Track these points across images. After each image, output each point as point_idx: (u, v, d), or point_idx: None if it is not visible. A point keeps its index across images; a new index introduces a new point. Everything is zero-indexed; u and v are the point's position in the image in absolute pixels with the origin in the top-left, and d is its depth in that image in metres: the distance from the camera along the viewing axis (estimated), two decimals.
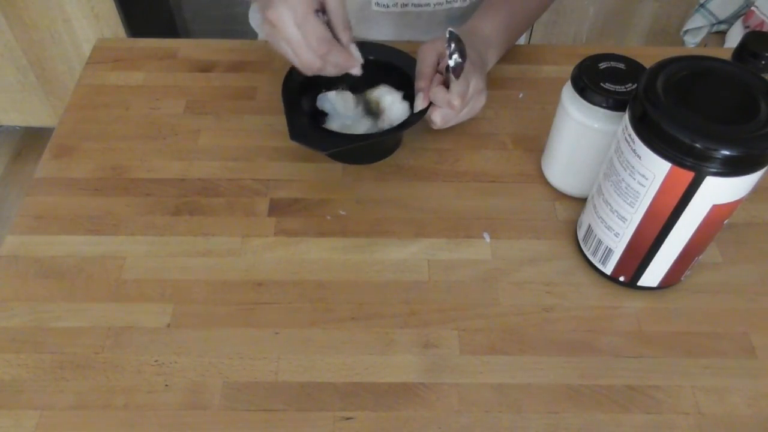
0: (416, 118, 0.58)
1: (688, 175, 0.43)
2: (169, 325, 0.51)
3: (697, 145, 0.41)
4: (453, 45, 0.54)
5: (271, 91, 0.70)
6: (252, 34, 0.89)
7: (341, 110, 0.63)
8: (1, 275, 0.54)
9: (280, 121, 0.66)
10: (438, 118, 0.58)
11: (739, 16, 1.32)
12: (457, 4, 0.76)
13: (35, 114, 1.75)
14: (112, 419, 0.46)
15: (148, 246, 0.56)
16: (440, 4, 0.76)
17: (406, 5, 0.75)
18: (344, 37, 0.55)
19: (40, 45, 1.56)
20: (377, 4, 0.75)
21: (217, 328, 0.51)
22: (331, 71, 0.56)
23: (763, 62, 0.52)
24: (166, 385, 0.48)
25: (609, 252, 0.52)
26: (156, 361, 0.49)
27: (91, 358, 0.49)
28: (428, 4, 0.75)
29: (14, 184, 1.73)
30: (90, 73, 0.72)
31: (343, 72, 0.57)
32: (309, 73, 0.56)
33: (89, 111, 0.68)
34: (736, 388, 0.48)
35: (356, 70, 0.57)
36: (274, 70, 0.73)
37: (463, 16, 0.77)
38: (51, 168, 0.62)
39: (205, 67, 0.73)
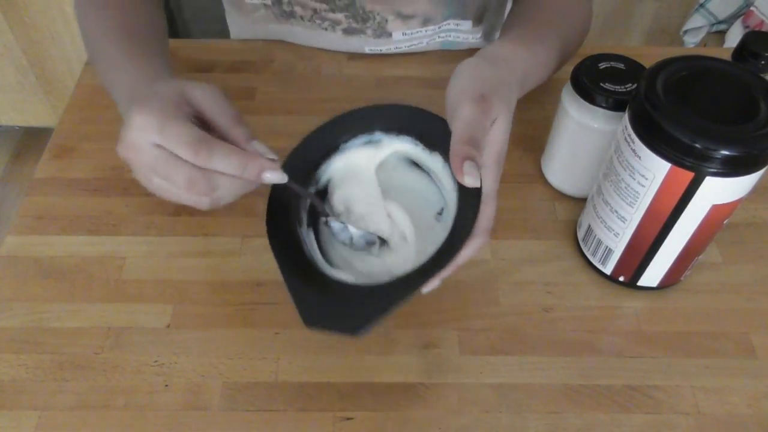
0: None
1: (687, 175, 0.43)
2: (169, 326, 0.51)
3: (697, 145, 0.41)
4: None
5: (271, 91, 0.70)
6: None
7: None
8: (1, 275, 0.54)
9: (279, 122, 0.66)
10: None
11: (739, 16, 1.32)
12: (451, 38, 0.74)
13: (35, 114, 1.75)
14: (112, 419, 0.46)
15: (148, 246, 0.56)
16: (432, 37, 0.74)
17: (400, 48, 0.74)
18: (238, 132, 0.41)
19: (40, 45, 1.56)
20: (371, 50, 0.74)
21: (217, 328, 0.51)
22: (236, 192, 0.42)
23: (762, 62, 0.52)
24: (166, 386, 0.48)
25: (609, 252, 0.52)
26: (156, 361, 0.49)
27: (91, 358, 0.49)
28: (420, 43, 0.74)
29: (14, 184, 1.73)
30: (90, 74, 0.72)
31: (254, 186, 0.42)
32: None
33: (89, 111, 0.68)
34: (736, 388, 0.48)
35: (276, 176, 0.41)
36: (274, 71, 0.73)
37: (457, 44, 0.76)
38: (51, 168, 0.62)
39: (205, 68, 0.73)
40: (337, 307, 0.41)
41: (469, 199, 0.42)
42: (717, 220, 0.46)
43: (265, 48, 0.75)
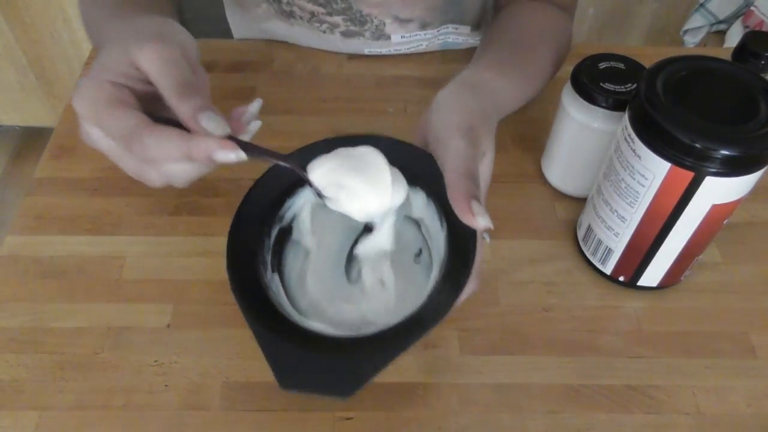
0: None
1: (687, 175, 0.43)
2: (169, 325, 0.51)
3: (697, 145, 0.41)
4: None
5: (271, 91, 0.70)
6: None
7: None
8: (1, 275, 0.54)
9: (279, 122, 0.66)
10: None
11: (739, 16, 1.32)
12: (450, 39, 0.74)
13: (35, 114, 1.75)
14: (112, 419, 0.46)
15: (148, 246, 0.56)
16: (431, 40, 0.73)
17: (399, 49, 0.73)
18: (182, 107, 0.36)
19: (40, 45, 1.56)
20: (370, 52, 0.73)
21: (217, 328, 0.51)
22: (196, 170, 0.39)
23: (762, 62, 0.52)
24: (166, 386, 0.48)
25: (609, 252, 0.52)
26: (156, 361, 0.49)
27: (91, 358, 0.49)
28: (420, 45, 0.73)
29: (14, 184, 1.73)
30: None
31: (212, 166, 0.39)
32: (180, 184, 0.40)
33: None
34: (736, 388, 0.48)
35: (230, 155, 0.36)
36: (274, 71, 0.73)
37: (457, 44, 0.76)
38: (51, 168, 0.62)
39: (205, 67, 0.72)
40: (320, 365, 0.36)
41: (462, 240, 0.38)
42: (717, 220, 0.46)
43: (265, 48, 0.75)
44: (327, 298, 0.43)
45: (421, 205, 0.43)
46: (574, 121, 0.54)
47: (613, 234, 0.50)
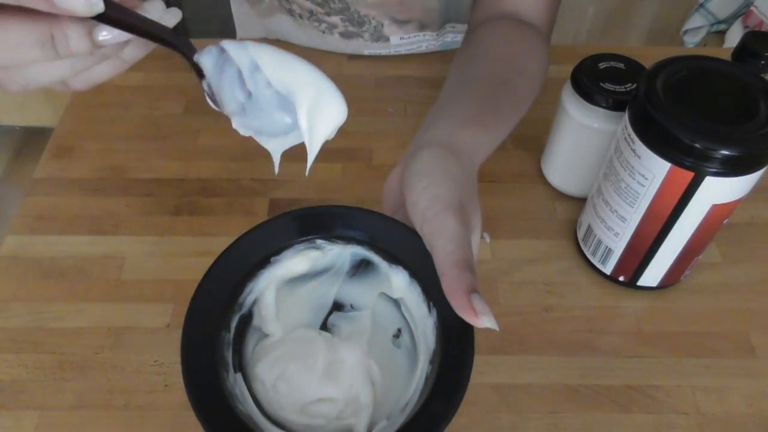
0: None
1: (687, 175, 0.43)
2: (169, 325, 0.51)
3: (697, 145, 0.41)
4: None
5: None
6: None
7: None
8: (1, 275, 0.54)
9: None
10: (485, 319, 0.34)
11: (739, 16, 1.32)
12: (449, 39, 0.74)
13: (35, 114, 1.74)
14: (112, 419, 0.46)
15: (148, 246, 0.56)
16: (430, 41, 0.73)
17: (399, 50, 0.73)
18: None
19: None
20: (370, 53, 0.73)
21: None
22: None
23: (762, 62, 0.51)
24: (166, 385, 0.48)
25: (609, 252, 0.52)
26: (156, 361, 0.49)
27: (91, 358, 0.49)
28: (420, 47, 0.73)
29: (14, 184, 1.73)
30: None
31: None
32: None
33: (89, 111, 0.68)
34: (736, 387, 0.48)
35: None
36: None
37: (456, 43, 0.76)
38: (51, 168, 0.62)
39: None
40: None
41: (456, 333, 0.34)
42: (717, 220, 0.46)
43: None
44: (297, 398, 0.37)
45: (403, 285, 0.38)
46: (574, 121, 0.54)
47: (613, 234, 0.50)
